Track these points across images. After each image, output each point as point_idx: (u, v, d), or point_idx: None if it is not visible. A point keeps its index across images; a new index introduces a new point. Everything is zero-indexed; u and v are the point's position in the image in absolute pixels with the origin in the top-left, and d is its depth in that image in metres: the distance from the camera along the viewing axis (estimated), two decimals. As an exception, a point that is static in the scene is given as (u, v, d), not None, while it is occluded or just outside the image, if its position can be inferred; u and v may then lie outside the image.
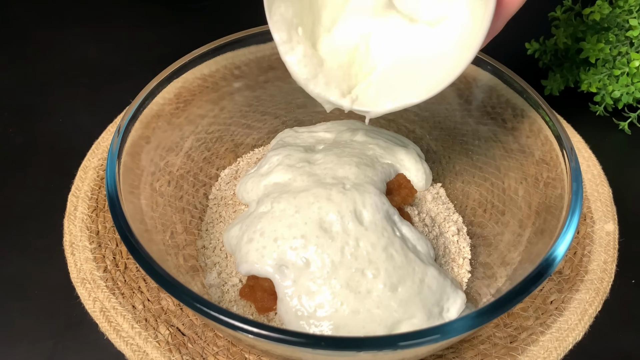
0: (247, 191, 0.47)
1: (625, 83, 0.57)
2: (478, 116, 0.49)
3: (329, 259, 0.39)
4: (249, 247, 0.41)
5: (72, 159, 0.54)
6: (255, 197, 0.46)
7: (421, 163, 0.50)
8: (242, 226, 0.43)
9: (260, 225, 0.41)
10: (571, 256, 0.49)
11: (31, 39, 0.69)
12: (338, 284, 0.38)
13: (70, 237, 0.48)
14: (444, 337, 0.30)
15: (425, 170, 0.50)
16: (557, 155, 0.40)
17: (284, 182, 0.45)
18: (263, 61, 0.50)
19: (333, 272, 0.39)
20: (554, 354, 0.43)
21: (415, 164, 0.49)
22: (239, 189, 0.48)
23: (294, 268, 0.39)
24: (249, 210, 0.46)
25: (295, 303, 0.39)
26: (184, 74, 0.45)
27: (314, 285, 0.39)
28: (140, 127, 0.41)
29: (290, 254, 0.39)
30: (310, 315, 0.38)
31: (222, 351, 0.42)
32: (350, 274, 0.39)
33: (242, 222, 0.44)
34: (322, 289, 0.38)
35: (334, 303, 0.38)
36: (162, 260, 0.36)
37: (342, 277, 0.39)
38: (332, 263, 0.39)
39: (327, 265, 0.39)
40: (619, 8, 0.58)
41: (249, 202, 0.46)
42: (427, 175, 0.50)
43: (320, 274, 0.39)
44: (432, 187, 0.51)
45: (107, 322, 0.43)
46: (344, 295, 0.38)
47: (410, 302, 0.39)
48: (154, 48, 0.69)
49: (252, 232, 0.41)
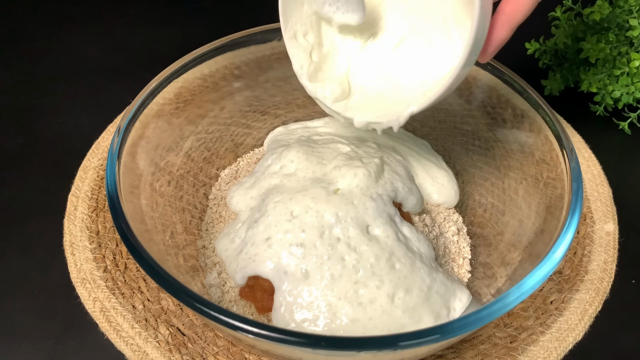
0: (237, 201, 0.46)
1: (625, 83, 0.57)
2: (478, 116, 0.49)
3: (329, 272, 0.38)
4: (241, 258, 0.41)
5: (72, 159, 0.54)
6: (244, 206, 0.45)
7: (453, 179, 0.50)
8: (235, 237, 0.43)
9: (254, 232, 0.41)
10: (571, 256, 0.49)
11: (31, 39, 0.69)
12: (336, 295, 0.38)
13: (70, 237, 0.48)
14: (443, 337, 0.30)
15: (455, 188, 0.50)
16: (557, 155, 0.40)
17: (279, 184, 0.44)
18: (263, 61, 0.50)
19: (332, 284, 0.38)
20: (554, 354, 0.43)
21: (449, 182, 0.50)
22: (231, 197, 0.47)
23: (290, 278, 0.39)
24: (239, 219, 0.45)
25: (288, 317, 0.38)
26: (184, 74, 0.45)
27: (310, 296, 0.38)
28: (140, 127, 0.41)
29: (286, 263, 0.39)
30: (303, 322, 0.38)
31: (222, 351, 0.42)
32: (350, 285, 0.38)
33: (234, 232, 0.43)
34: (318, 301, 0.38)
35: (329, 315, 0.37)
36: (162, 260, 0.36)
37: (342, 288, 0.38)
38: (331, 276, 0.38)
39: (326, 277, 0.38)
40: (619, 8, 0.58)
41: (239, 211, 0.46)
42: (455, 190, 0.50)
43: (319, 286, 0.38)
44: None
45: (107, 322, 0.43)
46: (341, 306, 0.38)
47: (417, 308, 0.38)
48: (154, 48, 0.69)
49: (247, 241, 0.41)
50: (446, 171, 0.51)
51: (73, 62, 0.66)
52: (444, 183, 0.49)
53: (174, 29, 0.72)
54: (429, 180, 0.49)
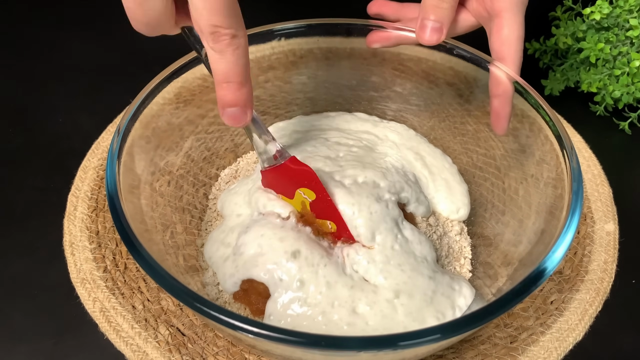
0: (229, 205, 0.46)
1: (626, 83, 0.57)
2: (478, 116, 0.49)
3: (324, 280, 0.38)
4: (228, 266, 0.41)
5: (72, 159, 0.54)
6: (230, 212, 0.45)
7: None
8: (221, 245, 0.43)
9: (246, 239, 0.41)
10: (571, 256, 0.49)
11: (31, 39, 0.69)
12: (331, 301, 0.38)
13: (70, 237, 0.48)
14: (444, 337, 0.30)
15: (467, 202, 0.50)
16: (557, 155, 0.40)
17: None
18: (263, 61, 0.50)
19: (328, 292, 0.38)
20: (554, 354, 0.43)
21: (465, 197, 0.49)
22: (223, 200, 0.47)
23: (285, 283, 0.38)
24: (227, 224, 0.45)
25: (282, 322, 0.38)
26: (184, 74, 0.45)
27: (305, 306, 0.38)
28: (140, 127, 0.41)
29: (279, 272, 0.38)
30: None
31: (222, 351, 0.42)
32: (347, 294, 0.38)
33: (222, 239, 0.43)
34: (314, 310, 0.38)
35: (324, 320, 0.37)
36: (162, 260, 0.36)
37: (339, 297, 0.38)
38: (327, 284, 0.38)
39: (322, 284, 0.38)
40: (619, 8, 0.58)
41: (229, 215, 0.46)
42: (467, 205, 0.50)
43: (313, 295, 0.38)
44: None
45: (107, 322, 0.43)
46: (337, 312, 0.38)
47: (421, 311, 0.38)
48: (154, 48, 0.68)
49: (239, 246, 0.41)
50: (463, 186, 0.50)
51: (73, 62, 0.66)
52: (461, 199, 0.49)
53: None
54: (444, 194, 0.49)
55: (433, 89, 0.51)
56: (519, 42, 0.42)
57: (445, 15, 0.43)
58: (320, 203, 0.40)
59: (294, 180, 0.40)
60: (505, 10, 0.42)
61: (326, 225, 0.41)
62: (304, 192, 0.40)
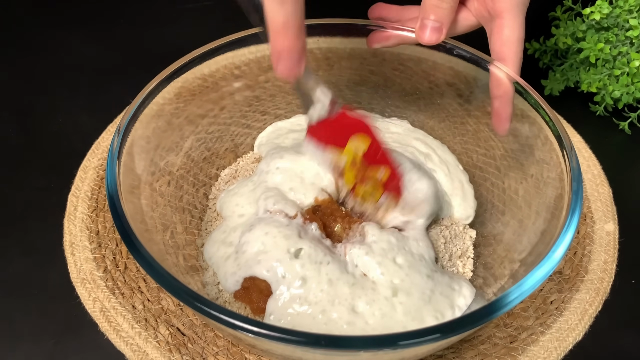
0: (229, 206, 0.46)
1: (626, 83, 0.57)
2: (478, 116, 0.49)
3: (327, 277, 0.38)
4: (229, 265, 0.41)
5: (72, 159, 0.54)
6: (233, 212, 0.45)
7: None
8: (222, 244, 0.43)
9: (250, 237, 0.41)
10: (571, 256, 0.49)
11: (31, 39, 0.69)
12: (332, 299, 0.38)
13: (70, 237, 0.48)
14: (443, 336, 0.30)
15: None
16: (557, 155, 0.40)
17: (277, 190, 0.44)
18: (263, 61, 0.50)
19: (330, 289, 0.38)
20: (554, 354, 0.43)
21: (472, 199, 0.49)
22: (222, 201, 0.47)
23: (287, 281, 0.39)
24: (227, 224, 0.45)
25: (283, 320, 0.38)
26: (184, 74, 0.45)
27: (305, 304, 0.38)
28: (140, 127, 0.41)
29: (281, 269, 0.39)
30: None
31: (222, 351, 0.42)
32: (348, 292, 0.38)
33: (226, 237, 0.43)
34: (314, 308, 0.38)
35: (324, 318, 0.37)
36: (162, 259, 0.36)
37: (340, 294, 0.38)
38: (329, 281, 0.38)
39: (324, 282, 0.38)
40: (619, 8, 0.58)
41: (229, 216, 0.46)
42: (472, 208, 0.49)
43: (315, 292, 0.38)
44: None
45: (107, 322, 0.43)
46: (337, 310, 0.38)
47: (419, 310, 0.39)
48: (154, 48, 0.69)
49: (241, 245, 0.41)
50: (471, 188, 0.50)
51: (73, 62, 0.66)
52: (468, 201, 0.49)
53: (174, 28, 0.72)
54: (459, 200, 0.49)
55: (433, 88, 0.52)
56: (519, 43, 0.42)
57: (445, 15, 0.43)
58: (375, 150, 0.40)
59: (349, 129, 0.40)
60: (507, 11, 0.42)
61: (375, 175, 0.41)
62: (357, 141, 0.40)
